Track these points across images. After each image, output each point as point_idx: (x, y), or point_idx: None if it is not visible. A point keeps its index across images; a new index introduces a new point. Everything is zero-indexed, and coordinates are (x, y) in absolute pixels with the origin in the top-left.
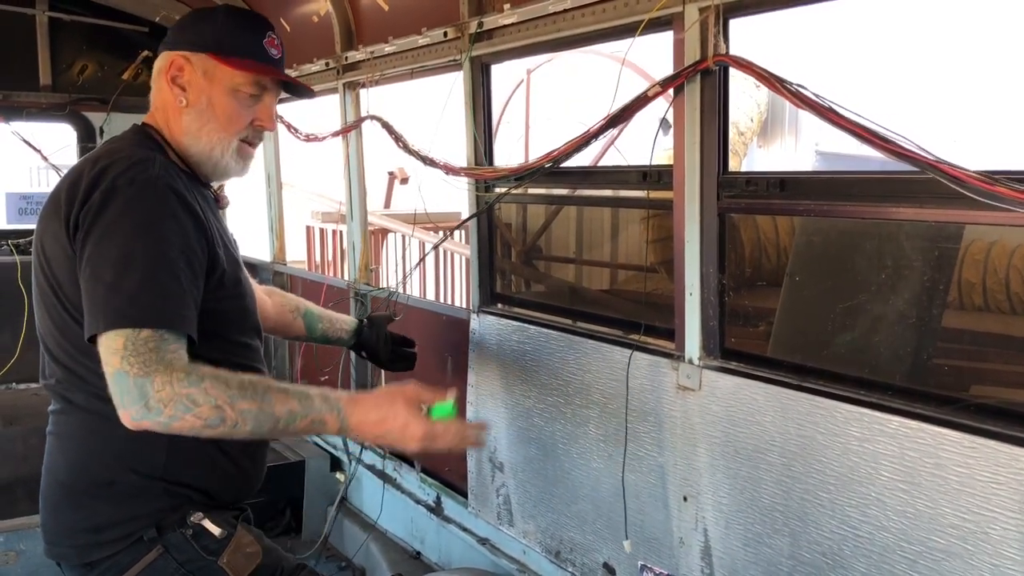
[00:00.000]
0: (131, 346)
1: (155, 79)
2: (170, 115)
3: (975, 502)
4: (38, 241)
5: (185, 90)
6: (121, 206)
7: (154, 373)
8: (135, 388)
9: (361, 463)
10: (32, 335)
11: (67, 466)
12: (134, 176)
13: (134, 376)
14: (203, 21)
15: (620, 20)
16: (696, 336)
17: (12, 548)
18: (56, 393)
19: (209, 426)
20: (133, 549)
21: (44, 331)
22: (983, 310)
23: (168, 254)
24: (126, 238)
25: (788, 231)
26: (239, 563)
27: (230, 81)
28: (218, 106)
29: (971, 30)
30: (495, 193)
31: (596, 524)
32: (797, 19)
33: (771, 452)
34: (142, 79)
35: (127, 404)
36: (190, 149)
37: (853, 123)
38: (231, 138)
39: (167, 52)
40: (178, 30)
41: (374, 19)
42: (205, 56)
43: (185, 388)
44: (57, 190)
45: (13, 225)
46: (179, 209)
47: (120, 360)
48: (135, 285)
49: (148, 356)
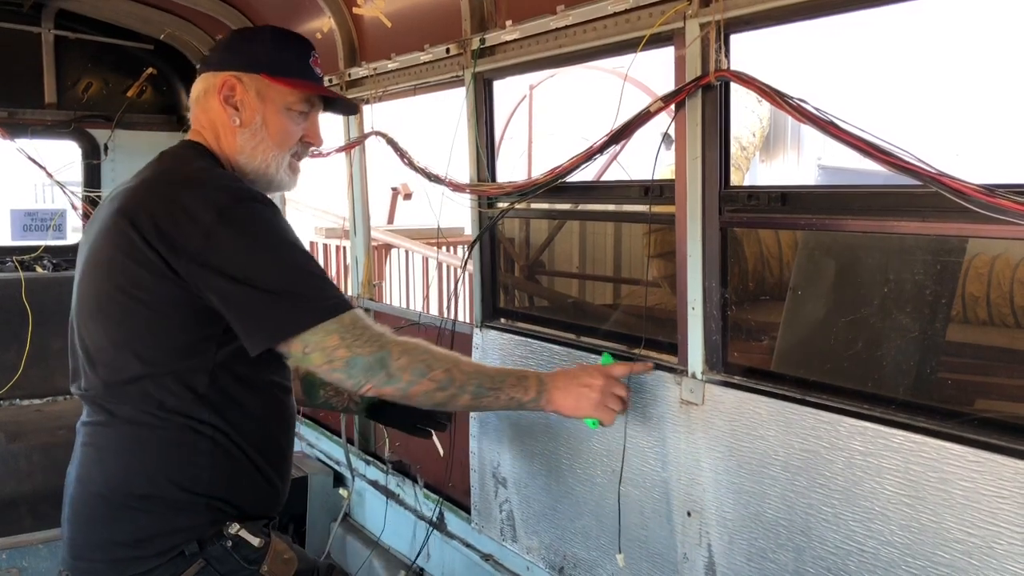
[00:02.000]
0: (348, 333)
1: (202, 98)
2: (221, 133)
3: (980, 516)
4: (101, 257)
5: (238, 109)
6: (251, 226)
7: (388, 346)
8: (376, 363)
9: (364, 479)
10: (37, 351)
11: (106, 478)
12: (244, 197)
13: (371, 354)
14: (251, 42)
15: (621, 36)
16: (699, 350)
17: (15, 565)
18: (96, 404)
19: (441, 388)
20: (173, 564)
21: (95, 344)
22: (987, 324)
23: (304, 251)
24: (274, 251)
25: (791, 245)
26: (279, 569)
27: (283, 100)
28: (271, 124)
29: (973, 44)
30: (498, 209)
31: (600, 540)
32: (799, 34)
33: (775, 466)
34: (146, 96)
35: (371, 379)
36: (245, 167)
37: (854, 137)
38: (284, 154)
39: (217, 72)
40: (226, 51)
41: (377, 36)
42: (258, 76)
43: (420, 355)
44: (132, 211)
45: (18, 242)
46: (278, 213)
47: (346, 350)
48: (313, 283)
49: (367, 335)
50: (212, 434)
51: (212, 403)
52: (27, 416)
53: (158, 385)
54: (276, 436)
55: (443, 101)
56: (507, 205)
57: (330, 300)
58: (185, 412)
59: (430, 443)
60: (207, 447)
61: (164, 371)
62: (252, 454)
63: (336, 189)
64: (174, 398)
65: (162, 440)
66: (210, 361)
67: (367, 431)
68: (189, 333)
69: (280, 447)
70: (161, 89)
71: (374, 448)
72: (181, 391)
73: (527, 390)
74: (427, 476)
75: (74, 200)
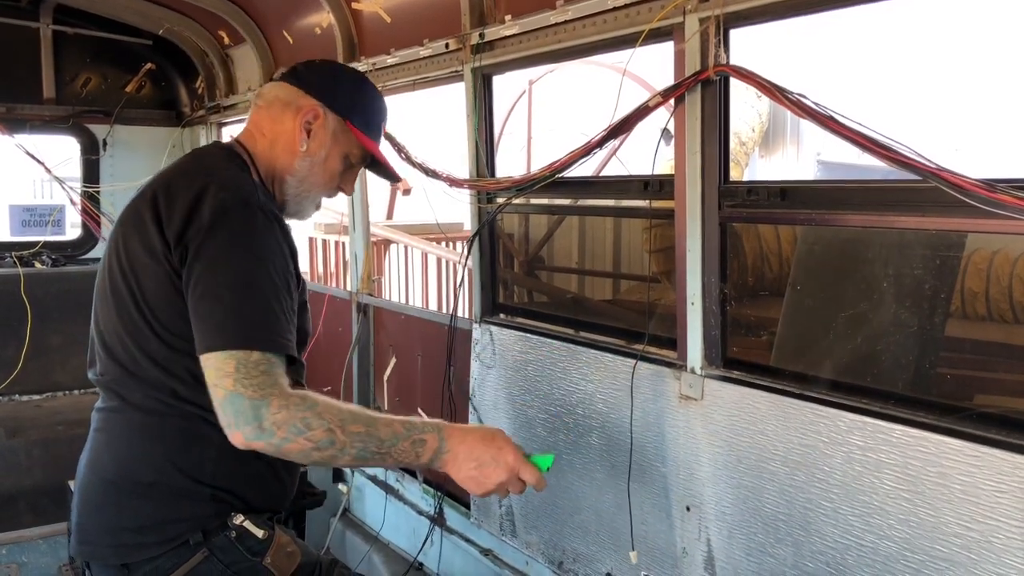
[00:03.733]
0: (243, 368)
1: (276, 109)
2: (281, 148)
3: (978, 511)
4: (120, 245)
5: (310, 137)
6: (235, 229)
7: (270, 396)
8: (250, 410)
9: (364, 474)
10: (36, 347)
11: (115, 464)
12: (244, 199)
13: (250, 398)
14: (350, 84)
15: (620, 31)
16: (698, 346)
17: (15, 560)
18: (109, 390)
19: (319, 448)
20: (176, 553)
21: (108, 329)
22: (986, 319)
23: (275, 280)
24: (242, 262)
25: (790, 240)
26: (282, 563)
27: (348, 148)
28: (330, 164)
29: (973, 40)
30: (497, 204)
31: (599, 534)
32: (798, 29)
33: (774, 461)
34: (145, 92)
35: (240, 425)
36: (288, 187)
37: (853, 132)
38: (323, 192)
39: (307, 93)
40: (326, 80)
41: (376, 31)
42: (341, 119)
43: (300, 412)
44: (152, 200)
45: (17, 237)
46: (280, 236)
47: (233, 383)
48: (252, 309)
49: (261, 379)
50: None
51: None
52: (26, 412)
53: (170, 373)
54: None
55: (443, 96)
56: (506, 200)
57: (254, 331)
58: (196, 401)
59: None
60: (216, 437)
61: (174, 359)
62: None
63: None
64: (185, 386)
65: (171, 428)
66: None
67: None
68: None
69: None
70: (160, 84)
71: None
72: (192, 379)
73: (418, 456)
74: (426, 471)
75: (73, 196)
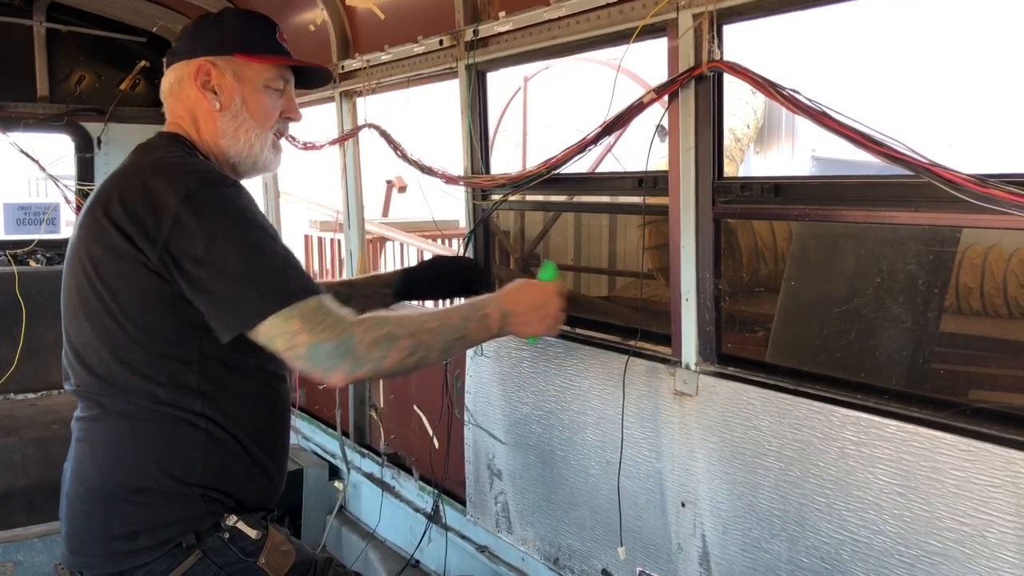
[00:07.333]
0: (310, 318)
1: (176, 89)
2: (201, 120)
3: (972, 505)
4: (81, 251)
5: (216, 93)
6: (215, 208)
7: (349, 330)
8: (339, 349)
9: (360, 471)
10: (31, 345)
11: (100, 472)
12: (205, 179)
13: (334, 339)
14: (219, 25)
15: (614, 27)
16: (692, 341)
17: (10, 559)
18: (88, 399)
19: (411, 354)
20: (170, 556)
21: (81, 341)
22: (980, 314)
23: (271, 234)
24: (238, 233)
25: (785, 236)
26: (277, 562)
27: (259, 78)
28: (251, 104)
29: (967, 36)
30: (492, 201)
31: (594, 530)
32: (792, 25)
33: (768, 456)
34: (139, 89)
35: (335, 367)
36: (229, 151)
37: (847, 127)
38: (267, 133)
39: (188, 60)
40: (193, 37)
41: (370, 28)
42: (232, 58)
43: (382, 330)
44: (105, 201)
45: (11, 236)
46: (249, 198)
47: (308, 335)
48: (276, 267)
49: (329, 320)
50: (205, 425)
51: (204, 393)
52: (21, 410)
53: (149, 378)
54: (271, 425)
55: (437, 93)
56: (501, 197)
57: (293, 284)
58: (177, 403)
59: (425, 435)
60: (201, 438)
61: (153, 363)
62: (247, 444)
63: (330, 182)
64: (165, 390)
65: (155, 432)
66: (196, 351)
67: (362, 424)
68: (171, 322)
69: (275, 436)
70: (154, 82)
71: (369, 441)
72: (172, 382)
73: (488, 328)
74: (422, 468)
75: (67, 194)
